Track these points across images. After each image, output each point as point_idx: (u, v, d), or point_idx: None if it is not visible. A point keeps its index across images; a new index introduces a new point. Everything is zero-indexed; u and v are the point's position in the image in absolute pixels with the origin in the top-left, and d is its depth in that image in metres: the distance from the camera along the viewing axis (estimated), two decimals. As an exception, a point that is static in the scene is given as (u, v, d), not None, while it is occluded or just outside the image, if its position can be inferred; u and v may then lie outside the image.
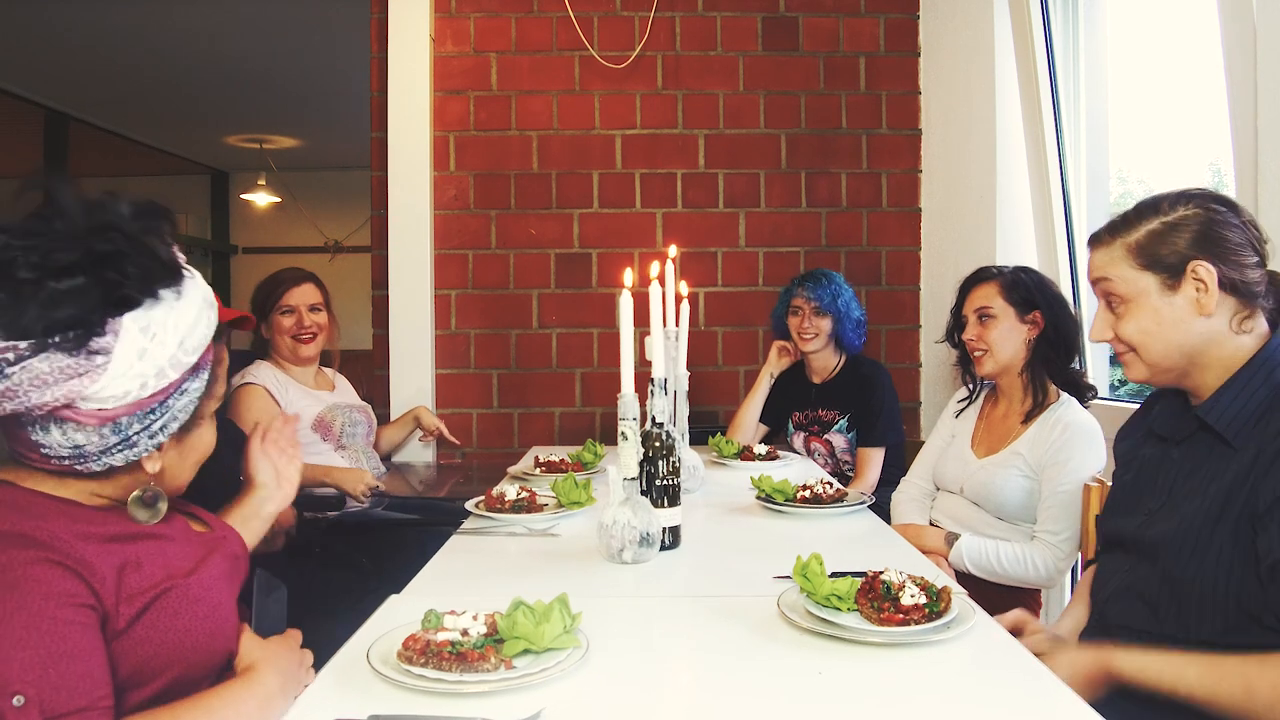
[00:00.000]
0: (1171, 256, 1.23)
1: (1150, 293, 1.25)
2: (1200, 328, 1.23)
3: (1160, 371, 1.28)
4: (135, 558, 0.94)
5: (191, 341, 0.95)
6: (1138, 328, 1.27)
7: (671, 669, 1.10)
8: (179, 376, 0.95)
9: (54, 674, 0.81)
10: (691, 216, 3.39)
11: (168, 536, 1.02)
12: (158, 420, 0.96)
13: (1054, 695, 0.96)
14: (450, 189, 3.37)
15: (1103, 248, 1.31)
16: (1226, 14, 1.87)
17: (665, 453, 1.57)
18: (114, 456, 0.95)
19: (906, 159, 3.40)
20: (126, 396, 0.91)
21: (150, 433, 0.96)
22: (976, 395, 2.26)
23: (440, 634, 1.01)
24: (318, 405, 2.57)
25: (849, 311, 2.82)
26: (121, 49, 5.12)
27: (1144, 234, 1.26)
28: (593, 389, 3.39)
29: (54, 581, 0.85)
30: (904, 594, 1.13)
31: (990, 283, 2.12)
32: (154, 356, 0.91)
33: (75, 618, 0.84)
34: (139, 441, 0.95)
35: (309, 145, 7.55)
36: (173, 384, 0.95)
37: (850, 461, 2.81)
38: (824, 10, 3.38)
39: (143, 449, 0.96)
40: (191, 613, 0.96)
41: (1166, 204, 1.27)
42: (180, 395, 0.97)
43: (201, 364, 0.99)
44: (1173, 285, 1.24)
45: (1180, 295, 1.23)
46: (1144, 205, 1.30)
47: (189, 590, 0.97)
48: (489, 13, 3.35)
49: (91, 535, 0.92)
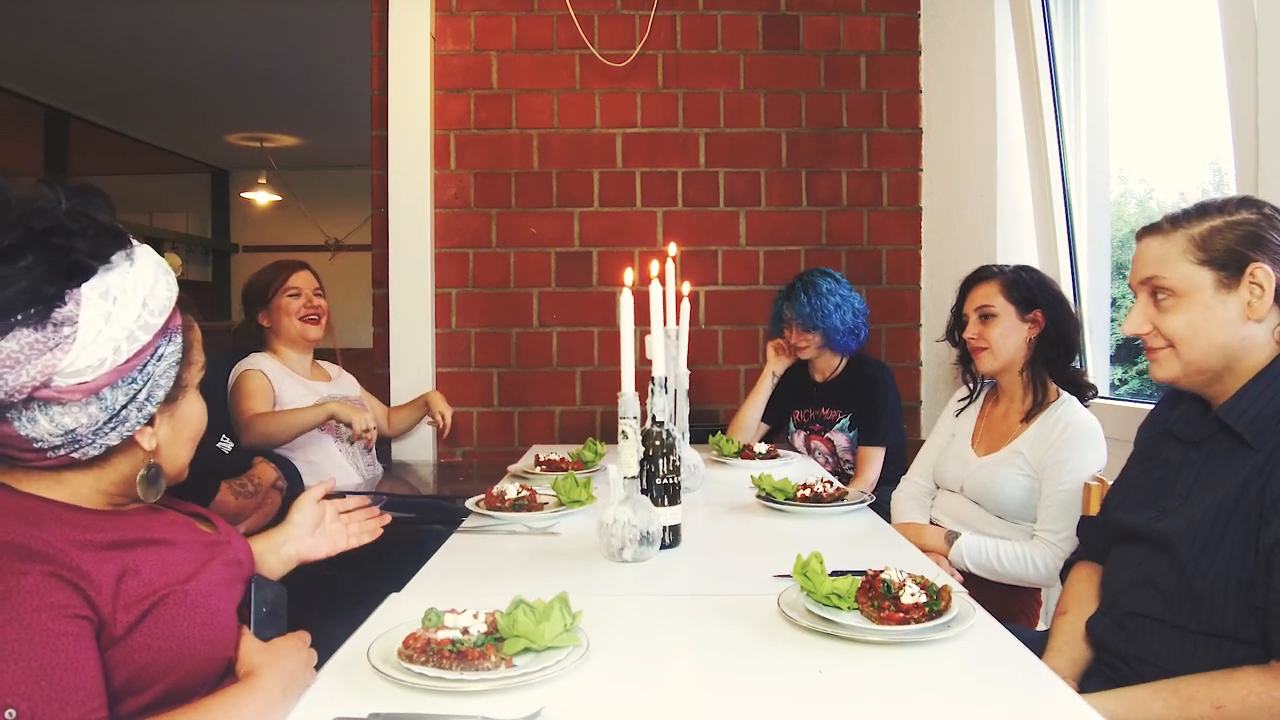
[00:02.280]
0: (1232, 256, 1.21)
1: (1205, 288, 1.23)
2: (1246, 332, 1.21)
3: (1194, 372, 1.26)
4: (134, 564, 0.94)
5: (155, 302, 0.95)
6: (1186, 322, 1.24)
7: (672, 668, 1.10)
8: (150, 338, 0.95)
9: (47, 687, 0.80)
10: (692, 215, 3.39)
11: (169, 541, 1.01)
12: (141, 389, 0.95)
13: (1054, 693, 0.96)
14: (451, 187, 3.37)
15: (1160, 236, 1.28)
16: (1227, 13, 1.87)
17: (665, 451, 1.57)
18: (107, 435, 0.94)
19: (907, 158, 3.40)
20: (103, 364, 0.91)
21: (137, 404, 0.95)
22: (977, 394, 2.26)
23: (440, 632, 1.01)
24: (312, 397, 2.57)
25: (836, 324, 2.76)
26: (122, 47, 5.12)
27: (1207, 229, 1.24)
28: (593, 388, 3.39)
29: (48, 593, 0.84)
30: (904, 593, 1.13)
31: (991, 281, 2.13)
32: (120, 319, 0.92)
33: (68, 629, 0.84)
34: (128, 415, 0.95)
35: (309, 144, 7.55)
36: (145, 347, 0.95)
37: (851, 460, 2.81)
38: (824, 9, 3.37)
39: (134, 423, 0.96)
40: (189, 619, 0.95)
41: (1231, 205, 1.25)
42: (158, 360, 0.97)
43: (171, 327, 0.99)
44: (1230, 284, 1.21)
45: (1235, 296, 1.21)
46: (1207, 204, 1.28)
47: (187, 597, 0.96)
48: (489, 11, 3.35)
49: (89, 542, 0.92)
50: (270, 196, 8.29)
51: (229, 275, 8.75)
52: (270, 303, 2.57)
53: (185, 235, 8.39)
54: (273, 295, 2.57)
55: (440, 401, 2.93)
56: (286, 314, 2.56)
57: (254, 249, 8.59)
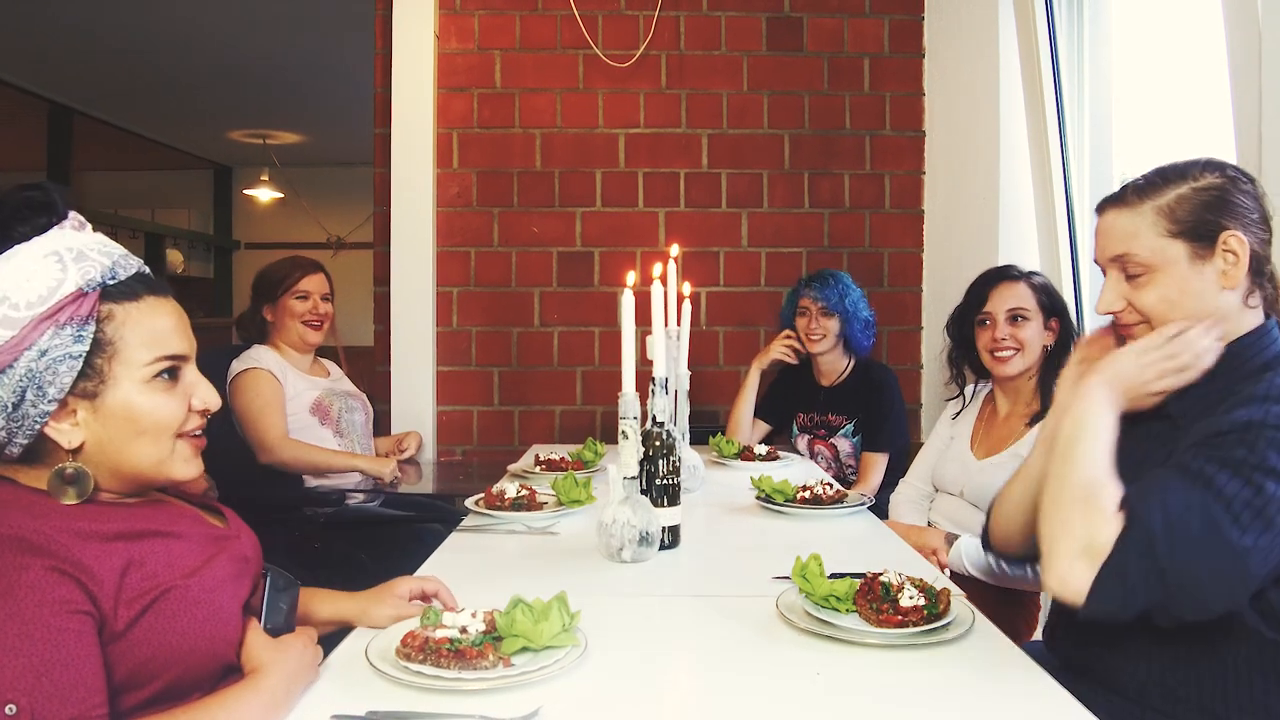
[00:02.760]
0: (1204, 225, 1.16)
1: (1179, 261, 1.17)
2: (1221, 301, 1.17)
3: None
4: (139, 557, 0.93)
5: (20, 297, 0.91)
6: (1160, 297, 1.19)
7: (670, 668, 1.10)
8: (17, 334, 0.91)
9: (47, 682, 0.80)
10: (694, 216, 3.39)
11: (176, 534, 1.00)
12: (27, 386, 0.91)
13: (1052, 697, 0.96)
14: (453, 186, 3.37)
15: (1126, 210, 1.22)
16: (1231, 16, 1.87)
17: (665, 452, 1.57)
18: (17, 435, 0.93)
19: (910, 160, 3.40)
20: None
21: (29, 402, 0.92)
22: (973, 397, 2.27)
23: (439, 631, 1.01)
24: (315, 390, 2.59)
25: (856, 311, 2.80)
26: (126, 43, 5.12)
27: (1174, 198, 1.18)
28: (593, 387, 3.39)
29: (50, 588, 0.84)
30: (903, 595, 1.13)
31: (1019, 282, 2.13)
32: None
33: (70, 625, 0.84)
34: (26, 413, 0.92)
35: (312, 141, 7.55)
36: (9, 344, 0.90)
37: (853, 465, 2.79)
38: (828, 11, 3.37)
39: (33, 420, 0.92)
40: (191, 615, 0.95)
41: (1195, 169, 1.20)
42: (39, 355, 0.91)
43: (59, 320, 0.92)
44: (1204, 254, 1.17)
45: (1210, 265, 1.16)
46: (1168, 170, 1.23)
47: (189, 592, 0.95)
48: (493, 10, 3.35)
49: (93, 534, 0.91)
50: (273, 193, 8.29)
51: (231, 272, 8.76)
52: (278, 300, 2.58)
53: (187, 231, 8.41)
54: (282, 293, 2.57)
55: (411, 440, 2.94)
56: (291, 315, 2.57)
57: (256, 246, 8.59)
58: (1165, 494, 1.02)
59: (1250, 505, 0.98)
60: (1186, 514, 0.99)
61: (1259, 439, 1.01)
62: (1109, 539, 1.01)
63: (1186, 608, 0.99)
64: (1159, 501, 1.01)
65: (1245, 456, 1.01)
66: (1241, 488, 0.99)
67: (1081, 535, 1.03)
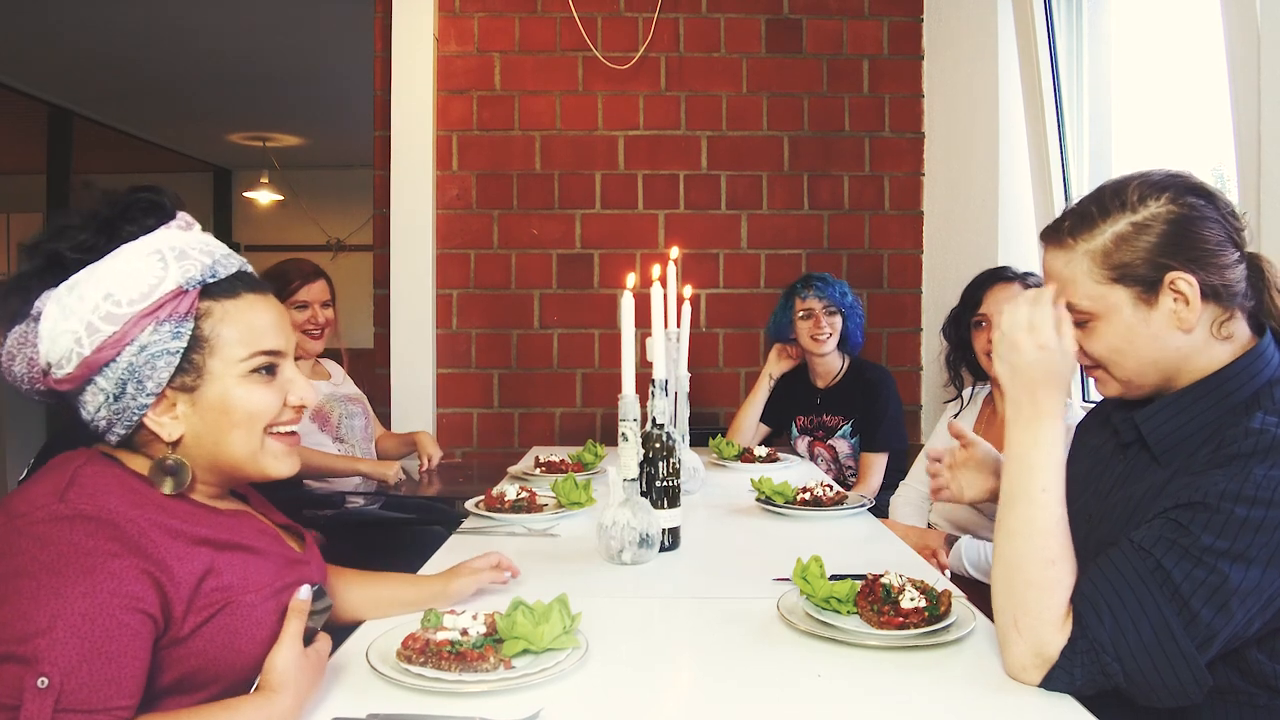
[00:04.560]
0: (1145, 266, 1.05)
1: (1121, 308, 1.07)
2: (1179, 342, 1.06)
3: (1135, 389, 1.13)
4: (219, 566, 0.94)
5: (123, 294, 0.94)
6: (1107, 346, 1.10)
7: (670, 670, 1.10)
8: (119, 329, 0.94)
9: (87, 670, 0.81)
10: (693, 218, 3.39)
11: (257, 550, 1.01)
12: (128, 380, 0.95)
13: (1054, 699, 0.96)
14: (453, 188, 3.37)
15: (1062, 252, 1.11)
16: (1230, 20, 1.88)
17: (665, 454, 1.57)
18: (116, 424, 0.97)
19: (909, 162, 3.40)
20: (72, 356, 0.93)
21: (130, 394, 0.95)
22: (972, 398, 2.27)
23: (440, 633, 1.01)
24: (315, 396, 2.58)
25: (855, 308, 2.86)
26: (125, 46, 5.12)
27: (1110, 238, 1.07)
28: (593, 389, 3.39)
29: (128, 581, 0.86)
30: (904, 597, 1.13)
31: (1014, 284, 2.13)
32: (76, 312, 0.93)
33: (130, 621, 0.85)
34: (127, 404, 0.96)
35: (312, 143, 7.55)
36: (112, 338, 0.94)
37: (853, 467, 2.80)
38: (828, 12, 3.38)
39: (134, 411, 0.96)
40: (251, 634, 0.95)
41: (1135, 196, 1.07)
42: (139, 350, 0.95)
43: (159, 317, 0.96)
44: (1148, 300, 1.06)
45: (1157, 310, 1.06)
46: (1107, 195, 1.10)
47: (254, 610, 0.96)
48: (492, 12, 3.35)
49: (184, 533, 0.93)
50: (272, 196, 8.29)
51: (230, 274, 8.75)
52: None
53: (187, 234, 8.39)
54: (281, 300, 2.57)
55: (430, 444, 2.89)
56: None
57: (256, 248, 8.57)
58: (1118, 595, 0.96)
59: (1212, 597, 0.92)
60: (1139, 618, 0.94)
61: (1229, 519, 0.93)
62: (1056, 649, 0.96)
63: (1141, 701, 0.96)
64: (1108, 606, 0.95)
65: (1211, 544, 0.93)
66: (1205, 577, 0.93)
67: (1031, 641, 0.98)
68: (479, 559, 1.30)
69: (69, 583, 0.83)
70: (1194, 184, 1.09)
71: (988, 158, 2.97)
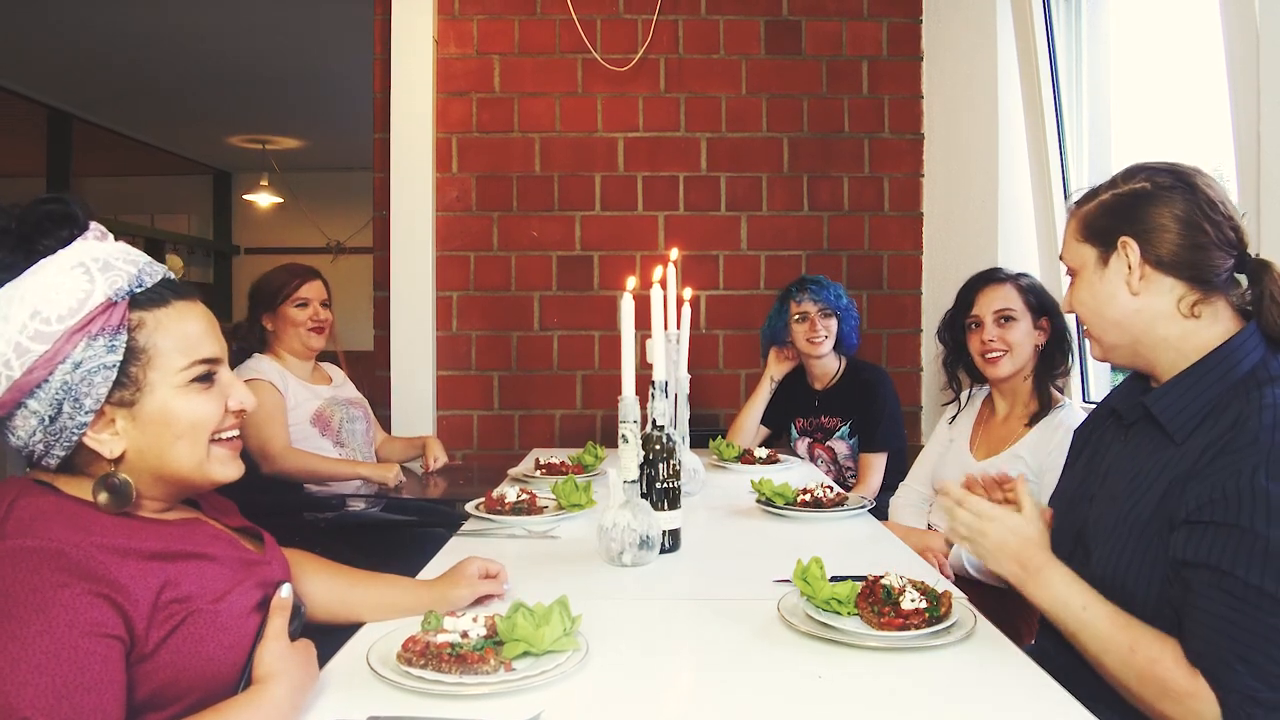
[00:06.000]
0: (1106, 229, 1.22)
1: (1089, 264, 1.24)
2: (1133, 305, 1.19)
3: (1109, 348, 1.25)
4: (174, 577, 0.93)
5: (51, 310, 0.91)
6: (1078, 299, 1.27)
7: (671, 672, 1.09)
8: (50, 348, 0.91)
9: (68, 705, 0.79)
10: (693, 219, 3.39)
11: (211, 556, 1.00)
12: (64, 399, 0.92)
13: (1053, 699, 0.96)
14: (452, 190, 3.37)
15: (1071, 219, 1.31)
16: (1229, 19, 1.88)
17: (666, 455, 1.57)
18: (55, 446, 0.94)
19: (908, 163, 3.40)
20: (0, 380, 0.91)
21: (67, 414, 0.93)
22: (969, 399, 2.27)
23: (440, 636, 1.01)
24: (316, 400, 2.58)
25: (850, 309, 2.85)
26: (125, 49, 5.13)
27: (1095, 205, 1.25)
28: (593, 391, 3.39)
29: (84, 609, 0.83)
30: (904, 598, 1.13)
31: (1005, 284, 2.13)
32: (1, 333, 0.90)
33: (98, 649, 0.83)
34: (64, 424, 0.93)
35: (311, 146, 7.56)
36: (44, 358, 0.91)
37: (852, 467, 2.80)
38: (827, 14, 3.38)
39: (72, 431, 0.93)
40: (216, 640, 0.94)
41: (1122, 176, 1.25)
42: (73, 368, 0.92)
43: (91, 331, 0.93)
44: (1104, 259, 1.22)
45: (1111, 270, 1.21)
46: (1118, 174, 1.27)
47: (216, 617, 0.95)
48: (492, 15, 3.36)
49: (132, 551, 0.91)
50: (272, 198, 8.29)
51: (230, 277, 8.75)
52: (277, 309, 2.57)
53: (187, 237, 8.40)
54: (281, 302, 2.57)
55: (438, 447, 2.89)
56: (292, 324, 2.57)
57: (256, 251, 8.59)
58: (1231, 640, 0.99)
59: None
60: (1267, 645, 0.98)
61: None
62: (1215, 714, 0.99)
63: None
64: (1232, 654, 0.99)
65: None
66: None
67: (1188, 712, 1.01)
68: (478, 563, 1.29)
69: (23, 624, 0.81)
70: (1177, 169, 1.21)
71: (987, 159, 2.98)
